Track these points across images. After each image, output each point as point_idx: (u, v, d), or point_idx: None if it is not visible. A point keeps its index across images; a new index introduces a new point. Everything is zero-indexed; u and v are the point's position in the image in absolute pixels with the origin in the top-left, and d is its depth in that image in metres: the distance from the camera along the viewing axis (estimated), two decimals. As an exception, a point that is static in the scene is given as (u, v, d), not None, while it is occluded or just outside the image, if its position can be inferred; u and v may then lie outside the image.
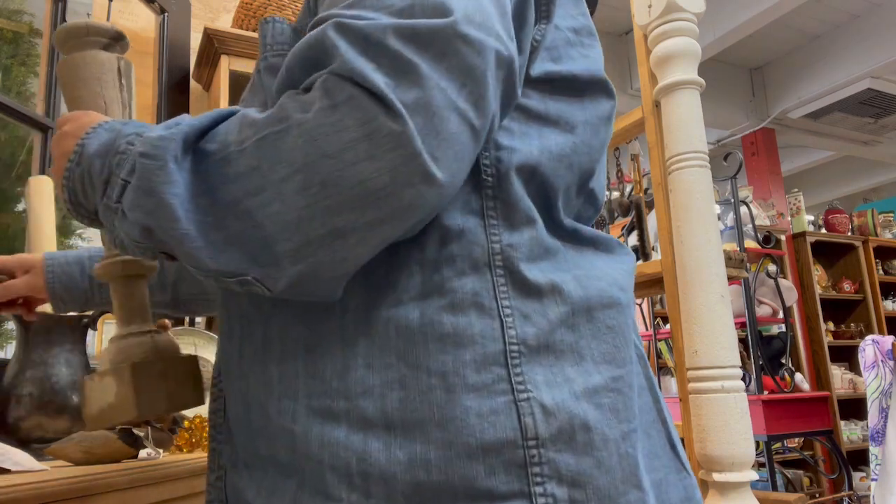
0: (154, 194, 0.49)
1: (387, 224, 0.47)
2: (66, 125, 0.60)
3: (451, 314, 0.51)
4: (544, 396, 0.50)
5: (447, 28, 0.46)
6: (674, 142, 1.53)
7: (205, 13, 2.18)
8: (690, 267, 1.47)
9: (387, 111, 0.44)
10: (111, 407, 0.64)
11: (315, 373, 0.52)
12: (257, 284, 0.50)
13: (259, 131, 0.48)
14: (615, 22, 4.69)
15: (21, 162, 2.08)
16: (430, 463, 0.48)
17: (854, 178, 7.22)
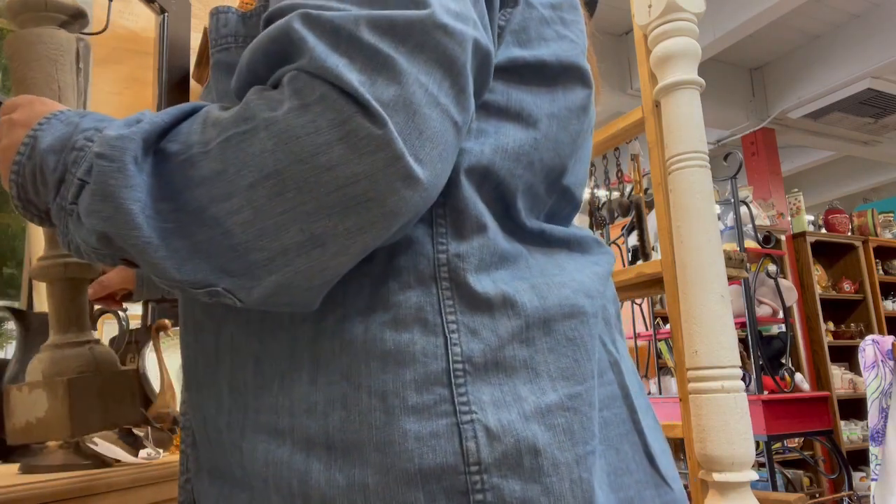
0: (112, 199, 0.44)
1: (368, 231, 0.44)
2: (16, 112, 0.55)
3: (394, 330, 0.48)
4: (490, 418, 0.46)
5: (426, 19, 0.43)
6: (674, 142, 1.53)
7: (205, 13, 2.18)
8: (690, 267, 1.47)
9: (364, 111, 0.41)
10: (40, 422, 0.58)
11: (263, 386, 0.50)
12: (228, 295, 0.46)
13: (223, 131, 0.44)
14: (615, 22, 4.69)
15: (21, 162, 2.08)
16: (368, 488, 0.45)
17: (854, 178, 7.22)
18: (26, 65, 0.62)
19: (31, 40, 0.63)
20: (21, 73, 0.62)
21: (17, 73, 0.62)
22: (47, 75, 0.63)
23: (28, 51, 0.62)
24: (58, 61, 0.64)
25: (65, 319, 0.63)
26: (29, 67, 0.62)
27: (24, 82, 0.62)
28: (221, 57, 0.56)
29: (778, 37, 4.96)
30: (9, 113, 0.56)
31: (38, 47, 0.63)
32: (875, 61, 4.66)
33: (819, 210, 5.78)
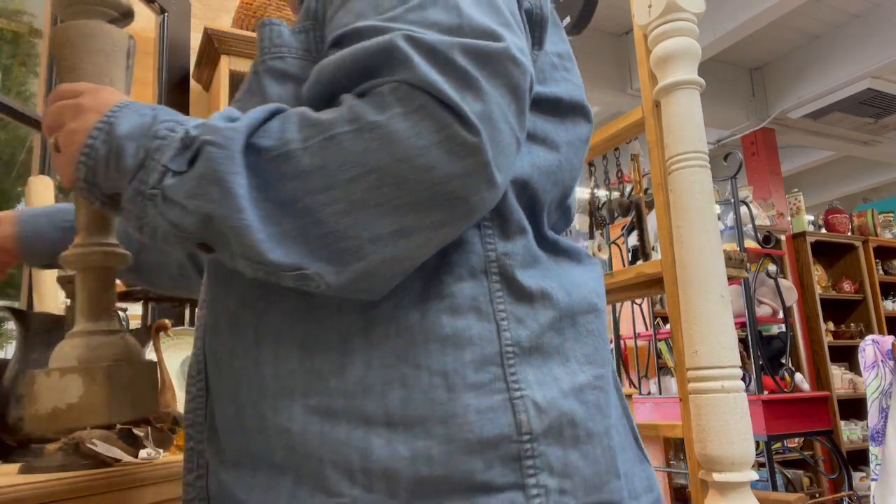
0: (222, 183, 0.49)
1: (449, 226, 0.51)
2: (83, 98, 0.57)
3: (451, 317, 0.54)
4: (536, 394, 0.54)
5: (502, 51, 0.50)
6: (674, 142, 1.53)
7: (205, 13, 2.18)
8: (690, 267, 1.47)
9: (460, 121, 0.48)
10: (71, 409, 0.58)
11: (311, 371, 0.54)
12: (315, 279, 0.50)
13: (325, 130, 0.49)
14: (615, 22, 4.69)
15: (21, 162, 2.08)
16: (433, 458, 0.50)
17: (854, 178, 7.23)
18: (79, 55, 0.63)
19: (86, 32, 0.64)
20: (72, 62, 0.63)
21: (68, 62, 0.63)
22: (100, 68, 0.64)
23: (83, 42, 0.64)
24: (111, 56, 0.65)
25: (97, 307, 0.63)
26: (81, 58, 0.63)
27: (75, 71, 0.63)
28: (275, 64, 0.61)
29: (778, 37, 4.96)
30: (69, 97, 0.58)
31: (93, 40, 0.64)
32: (875, 61, 4.66)
33: (819, 210, 5.78)
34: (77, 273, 0.64)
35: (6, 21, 2.12)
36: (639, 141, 1.96)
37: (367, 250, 0.49)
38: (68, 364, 0.59)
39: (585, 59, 4.72)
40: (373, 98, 0.49)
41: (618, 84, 4.83)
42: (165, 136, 0.52)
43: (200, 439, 0.62)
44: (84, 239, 0.64)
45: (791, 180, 6.75)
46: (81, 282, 0.64)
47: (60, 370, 0.59)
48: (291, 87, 0.60)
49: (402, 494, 0.50)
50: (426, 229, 0.50)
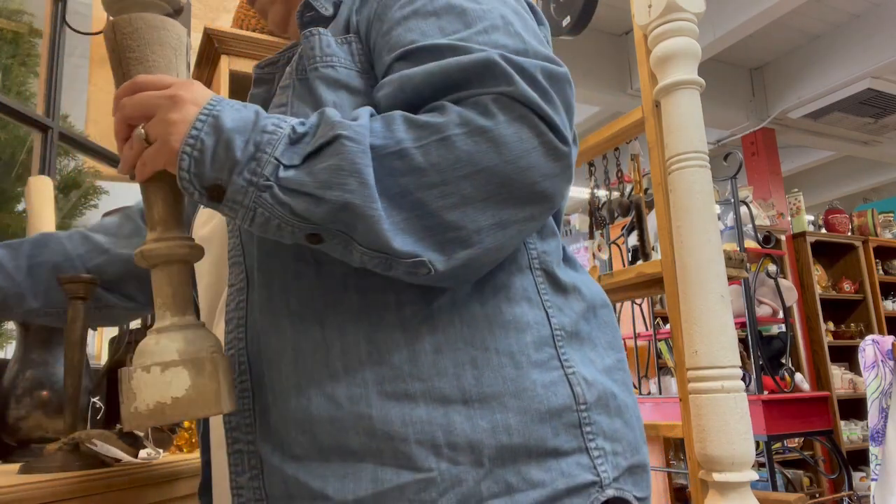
0: (359, 175, 0.53)
1: (538, 219, 0.58)
2: (177, 89, 0.58)
3: (509, 305, 0.62)
4: (584, 371, 0.62)
5: (565, 75, 0.59)
6: (674, 142, 1.53)
7: (205, 13, 2.18)
8: (690, 267, 1.47)
9: (553, 131, 0.56)
10: (178, 402, 0.57)
11: (381, 361, 0.59)
12: (427, 267, 0.55)
13: (438, 133, 0.54)
14: (615, 22, 4.69)
15: (21, 162, 2.08)
16: (511, 427, 0.57)
17: (854, 178, 7.23)
18: (149, 47, 0.63)
19: (155, 24, 0.63)
20: (141, 53, 0.62)
21: (136, 53, 0.62)
22: (168, 62, 0.64)
23: (151, 34, 0.63)
24: (177, 50, 0.65)
25: (183, 302, 0.62)
26: (152, 50, 0.63)
27: (144, 63, 0.63)
28: (328, 73, 0.66)
29: (778, 37, 4.96)
30: (156, 89, 0.58)
31: (162, 33, 0.64)
32: (875, 61, 4.66)
33: (819, 210, 5.78)
34: (159, 267, 0.62)
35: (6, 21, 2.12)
36: (639, 141, 1.96)
37: (472, 240, 0.55)
38: (169, 358, 0.58)
39: (585, 59, 4.72)
40: (475, 106, 0.55)
41: (618, 84, 4.83)
42: (274, 130, 0.55)
43: (250, 440, 0.63)
44: (163, 233, 0.62)
45: (791, 180, 6.75)
46: (166, 276, 0.62)
47: (162, 364, 0.57)
48: (345, 94, 0.65)
49: (486, 463, 0.56)
50: (520, 222, 0.57)
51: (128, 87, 0.60)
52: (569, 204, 5.23)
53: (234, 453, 0.64)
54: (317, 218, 0.54)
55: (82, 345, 0.88)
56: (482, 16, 0.61)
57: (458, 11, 0.61)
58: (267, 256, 0.65)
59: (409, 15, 0.62)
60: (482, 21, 0.60)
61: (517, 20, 0.62)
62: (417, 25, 0.61)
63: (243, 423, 0.64)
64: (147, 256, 0.62)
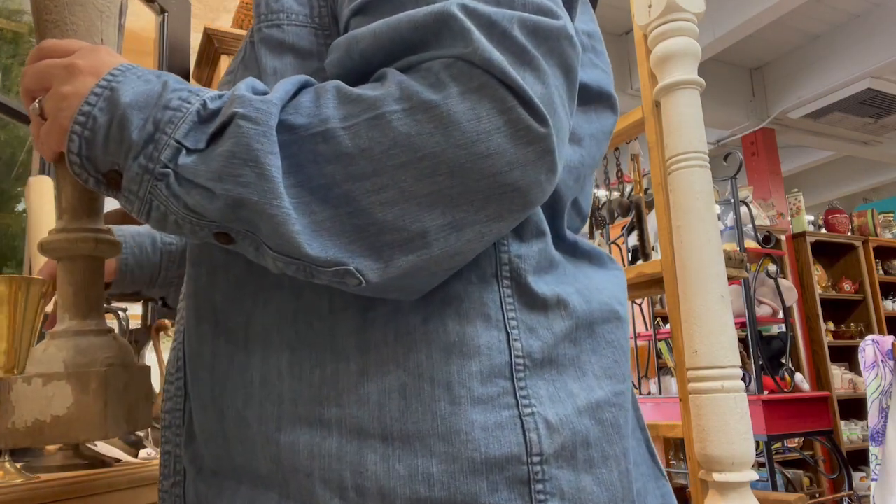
0: (257, 164, 0.42)
1: (504, 220, 0.45)
2: (77, 57, 0.49)
3: (457, 323, 0.49)
4: (548, 411, 0.48)
5: (561, 29, 0.45)
6: (674, 142, 1.53)
7: (205, 13, 2.18)
8: (690, 267, 1.47)
9: (525, 105, 0.42)
10: (58, 421, 0.50)
11: (301, 376, 0.49)
12: (356, 276, 0.44)
13: (371, 109, 0.43)
14: (615, 22, 4.69)
15: (21, 162, 2.08)
16: (433, 477, 0.45)
17: (854, 178, 7.23)
18: (67, 7, 0.54)
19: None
20: (59, 15, 0.54)
21: (53, 16, 0.54)
22: (91, 24, 0.55)
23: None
24: (104, 13, 0.56)
25: (85, 303, 0.54)
26: (71, 11, 0.54)
27: (61, 26, 0.54)
28: (272, 33, 0.54)
29: (778, 37, 4.96)
30: (58, 56, 0.51)
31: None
32: (875, 61, 4.66)
33: (819, 210, 5.78)
34: (61, 263, 0.55)
35: (6, 21, 2.12)
36: (639, 141, 1.96)
37: (415, 244, 0.44)
38: (53, 369, 0.51)
39: (585, 59, 4.72)
40: (424, 75, 0.43)
41: (618, 84, 4.83)
42: (179, 106, 0.45)
43: (178, 443, 0.57)
44: (69, 223, 0.55)
45: (791, 180, 6.75)
46: (67, 273, 0.55)
47: (44, 377, 0.50)
48: (289, 59, 0.53)
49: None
50: (479, 223, 0.44)
51: (34, 53, 0.52)
52: (569, 204, 5.20)
53: (164, 454, 0.58)
54: (213, 215, 0.44)
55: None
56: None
57: None
58: (196, 246, 0.57)
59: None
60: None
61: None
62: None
63: (174, 424, 0.57)
64: (46, 249, 0.55)
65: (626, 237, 2.78)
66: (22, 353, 0.75)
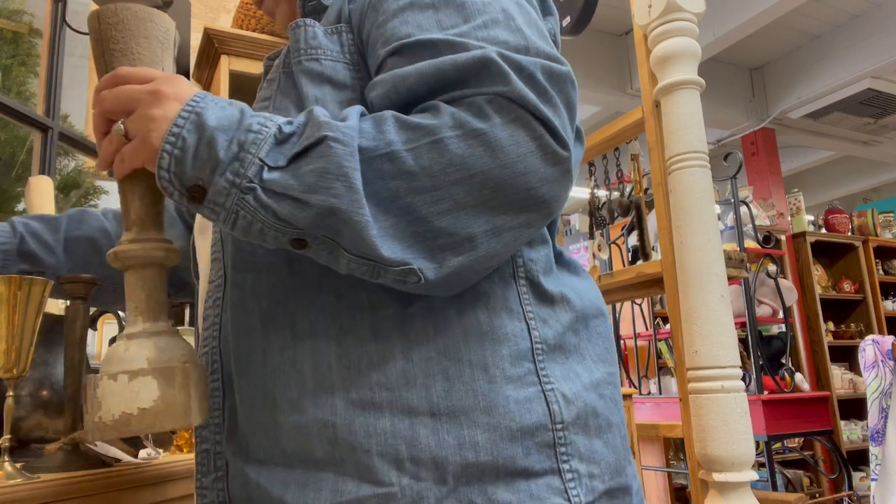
0: (346, 178, 0.50)
1: (534, 226, 0.55)
2: (159, 84, 0.55)
3: (487, 315, 0.58)
4: (564, 387, 0.58)
5: (567, 74, 0.56)
6: (674, 142, 1.53)
7: (205, 13, 2.18)
8: (690, 267, 1.47)
9: (551, 133, 0.53)
10: (145, 413, 0.54)
11: (350, 366, 0.56)
12: (417, 275, 0.52)
13: (430, 135, 0.51)
14: (615, 22, 4.69)
15: (21, 162, 2.08)
16: (479, 445, 0.54)
17: (854, 178, 7.23)
18: (134, 39, 0.60)
19: (142, 16, 0.60)
20: (126, 45, 0.60)
21: (121, 45, 0.60)
22: (154, 55, 0.61)
23: (138, 25, 0.60)
24: (164, 44, 0.61)
25: (156, 307, 0.59)
26: (136, 42, 0.60)
27: (128, 55, 0.60)
28: (312, 66, 0.63)
29: (778, 37, 4.96)
30: (138, 82, 0.56)
31: (148, 25, 0.60)
32: (875, 61, 4.66)
33: (819, 210, 5.78)
34: (132, 270, 0.60)
35: (6, 21, 2.12)
36: (639, 141, 1.96)
37: (464, 247, 0.53)
38: (138, 366, 0.55)
39: (585, 59, 4.72)
40: (470, 107, 0.52)
41: (618, 84, 4.83)
42: (259, 130, 0.52)
43: (218, 440, 0.62)
44: (139, 234, 0.60)
45: (791, 180, 6.75)
46: (139, 279, 0.59)
47: (129, 373, 0.55)
48: (328, 89, 0.62)
49: (449, 481, 0.53)
50: (515, 228, 0.54)
51: (109, 79, 0.57)
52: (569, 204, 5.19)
53: (201, 453, 0.63)
54: (301, 223, 0.51)
55: (82, 345, 0.88)
56: (482, 9, 0.57)
57: (458, 4, 0.58)
58: (239, 253, 0.63)
59: (405, 6, 0.59)
60: (482, 15, 0.57)
61: (519, 14, 0.59)
62: (414, 18, 0.58)
63: (212, 423, 0.63)
64: (121, 258, 0.59)
65: (626, 237, 2.78)
66: (22, 353, 0.75)
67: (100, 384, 0.55)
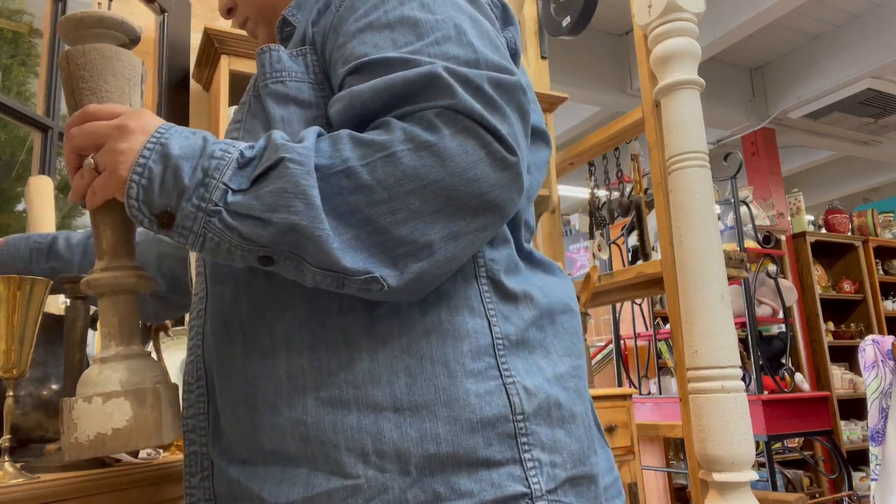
0: (305, 196, 0.53)
1: (489, 229, 0.58)
2: (126, 119, 0.59)
3: (449, 314, 0.61)
4: (525, 380, 0.61)
5: (516, 83, 0.58)
6: (674, 142, 1.53)
7: (205, 13, 2.18)
8: (690, 267, 1.47)
9: (499, 140, 0.55)
10: (118, 433, 0.57)
11: (321, 368, 0.59)
12: (380, 283, 0.55)
13: (383, 150, 0.54)
14: (615, 22, 4.69)
15: (21, 162, 2.08)
16: (440, 437, 0.57)
17: (854, 178, 7.23)
18: (101, 77, 0.64)
19: (109, 55, 0.64)
20: (94, 83, 0.64)
21: (89, 83, 0.64)
22: (122, 92, 0.64)
23: (105, 64, 0.64)
24: (131, 81, 0.65)
25: (128, 331, 0.63)
26: (104, 80, 0.64)
27: (97, 93, 0.63)
28: (277, 88, 0.66)
29: (778, 37, 4.96)
30: (105, 118, 0.60)
31: (115, 63, 0.64)
32: (875, 61, 4.66)
33: (819, 210, 5.78)
34: (105, 298, 0.63)
35: (6, 21, 2.12)
36: (639, 141, 1.96)
37: (423, 254, 0.55)
38: (111, 388, 0.58)
39: (585, 59, 4.72)
40: (420, 121, 0.55)
41: (618, 84, 4.83)
42: (222, 156, 0.55)
43: (204, 442, 0.66)
44: (111, 262, 0.63)
45: (791, 180, 6.75)
46: (112, 306, 0.63)
47: (103, 395, 0.58)
48: (293, 109, 0.65)
49: (413, 472, 0.56)
50: (471, 233, 0.57)
51: (77, 116, 0.61)
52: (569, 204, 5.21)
53: (189, 455, 0.66)
54: (265, 240, 0.54)
55: (82, 345, 0.88)
56: (435, 26, 0.61)
57: (412, 23, 0.61)
58: (219, 268, 0.67)
59: (363, 28, 0.62)
60: (434, 32, 0.60)
61: (472, 27, 0.62)
62: (371, 38, 0.61)
63: (199, 426, 0.66)
64: (94, 286, 0.62)
65: (626, 237, 2.78)
66: (22, 353, 0.75)
67: (75, 406, 0.58)
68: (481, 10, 0.67)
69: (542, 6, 2.42)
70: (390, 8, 0.62)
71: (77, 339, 0.87)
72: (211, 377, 0.67)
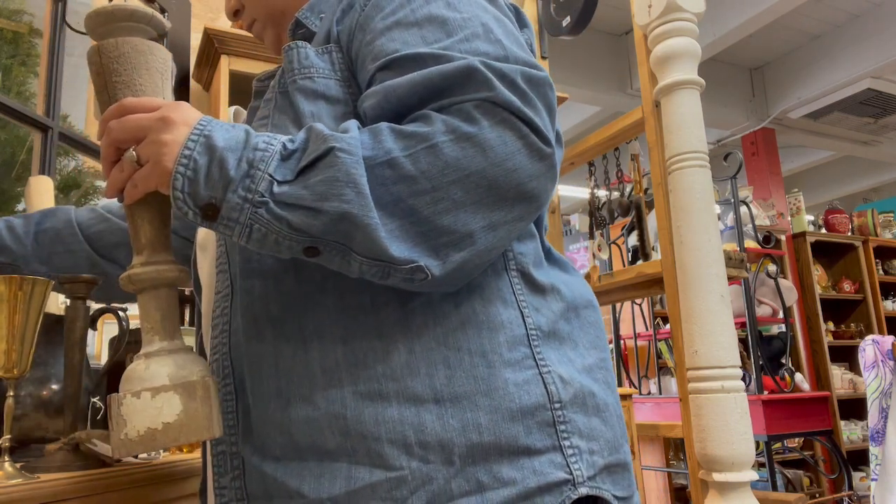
0: (356, 185, 0.54)
1: (525, 219, 0.59)
2: (167, 111, 0.58)
3: (483, 306, 0.62)
4: (560, 370, 0.62)
5: (545, 79, 0.60)
6: (674, 142, 1.53)
7: (205, 13, 2.18)
8: (690, 267, 1.47)
9: (535, 132, 0.57)
10: (169, 427, 0.56)
11: (356, 362, 0.60)
12: (423, 272, 0.56)
13: (425, 141, 0.55)
14: (615, 22, 4.69)
15: (21, 162, 2.08)
16: (482, 426, 0.58)
17: (854, 178, 7.23)
18: (135, 71, 0.63)
19: (142, 49, 0.64)
20: (128, 77, 0.63)
21: (123, 77, 0.63)
22: (156, 86, 0.64)
23: (139, 58, 0.64)
24: (164, 74, 0.66)
25: (171, 326, 0.62)
26: (139, 74, 0.64)
27: (131, 86, 0.63)
28: (306, 84, 0.67)
29: (778, 37, 4.96)
30: (145, 111, 0.59)
31: (149, 57, 0.64)
32: (875, 61, 4.66)
33: (819, 210, 5.77)
34: (146, 292, 0.62)
35: (6, 21, 2.12)
36: (639, 141, 1.96)
37: (465, 244, 0.56)
38: (159, 383, 0.58)
39: (585, 59, 4.72)
40: (459, 113, 0.56)
41: (618, 84, 4.83)
42: (265, 147, 0.56)
43: (234, 441, 0.65)
44: (151, 256, 0.62)
45: (791, 180, 6.75)
46: (154, 300, 0.62)
47: (152, 390, 0.57)
48: (322, 104, 0.66)
49: (456, 462, 0.57)
50: (509, 223, 0.58)
51: (115, 109, 0.60)
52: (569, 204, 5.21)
53: (218, 454, 0.66)
54: (315, 230, 0.54)
55: (82, 345, 0.88)
56: (463, 24, 0.62)
57: (440, 21, 0.62)
58: (248, 263, 0.66)
59: (391, 25, 0.63)
60: (463, 29, 0.62)
61: (497, 27, 0.63)
62: (400, 35, 0.62)
63: (226, 425, 0.65)
64: (135, 280, 0.61)
65: (626, 237, 2.78)
66: (22, 353, 0.75)
67: (123, 402, 0.57)
68: (502, 10, 0.69)
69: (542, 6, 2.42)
70: (417, 6, 0.63)
71: (77, 339, 0.87)
72: (240, 374, 0.66)
